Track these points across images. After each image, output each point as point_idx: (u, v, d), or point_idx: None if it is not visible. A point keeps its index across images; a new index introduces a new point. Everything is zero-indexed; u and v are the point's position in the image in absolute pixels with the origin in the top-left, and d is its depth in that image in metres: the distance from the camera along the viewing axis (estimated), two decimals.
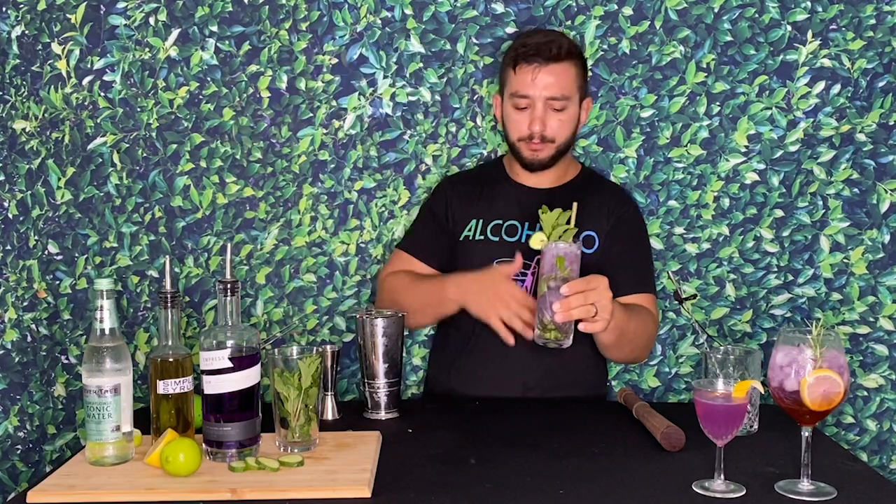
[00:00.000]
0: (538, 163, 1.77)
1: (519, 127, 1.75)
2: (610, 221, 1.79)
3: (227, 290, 1.38)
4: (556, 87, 1.72)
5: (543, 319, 1.52)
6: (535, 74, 1.71)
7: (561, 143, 1.76)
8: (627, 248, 1.79)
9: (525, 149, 1.77)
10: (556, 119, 1.73)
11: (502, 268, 1.66)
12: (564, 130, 1.75)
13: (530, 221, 1.77)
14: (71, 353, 1.84)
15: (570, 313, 1.50)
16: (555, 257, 1.51)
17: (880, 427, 1.87)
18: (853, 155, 1.85)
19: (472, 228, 1.81)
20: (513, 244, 1.76)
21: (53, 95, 1.82)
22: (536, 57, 1.71)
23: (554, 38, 1.74)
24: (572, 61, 1.74)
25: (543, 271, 1.53)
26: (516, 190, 1.83)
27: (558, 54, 1.71)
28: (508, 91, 1.75)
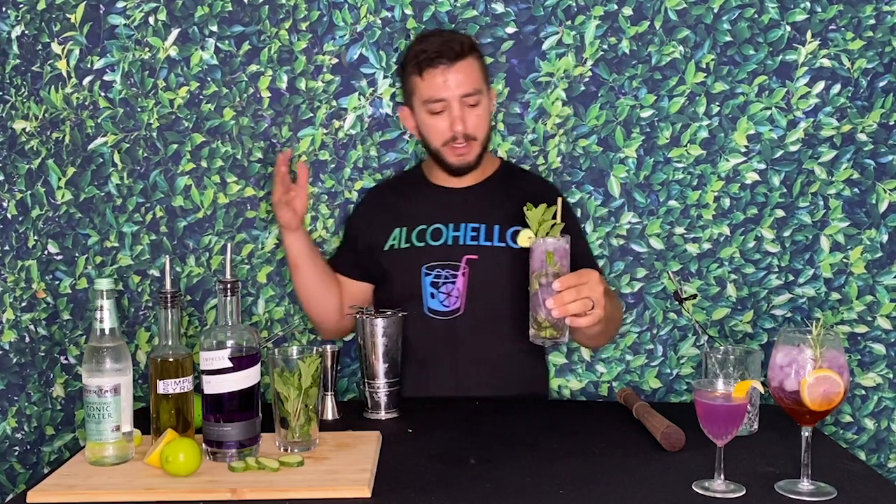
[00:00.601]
0: (467, 165, 1.77)
1: (440, 131, 1.74)
2: None
3: (227, 289, 1.38)
4: (467, 83, 1.72)
5: (538, 317, 1.50)
6: (446, 76, 1.71)
7: (482, 138, 1.76)
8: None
9: (450, 154, 1.76)
10: (474, 115, 1.73)
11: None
12: (483, 125, 1.76)
13: (454, 223, 1.78)
14: (70, 354, 1.84)
15: (566, 308, 1.47)
16: (544, 253, 1.50)
17: (878, 426, 1.87)
18: (854, 155, 1.85)
19: (397, 237, 1.80)
20: (440, 247, 1.76)
21: (54, 95, 1.82)
22: (441, 58, 1.70)
23: (452, 37, 1.74)
24: (474, 56, 1.75)
25: (533, 268, 1.51)
26: (437, 192, 1.82)
27: (462, 51, 1.72)
28: (419, 99, 1.74)
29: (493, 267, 1.74)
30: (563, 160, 1.90)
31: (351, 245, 1.86)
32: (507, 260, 1.74)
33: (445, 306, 1.75)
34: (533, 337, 1.53)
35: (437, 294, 1.75)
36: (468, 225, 1.78)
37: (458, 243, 1.76)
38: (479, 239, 1.76)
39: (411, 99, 1.77)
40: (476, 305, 1.75)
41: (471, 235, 1.77)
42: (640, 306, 1.90)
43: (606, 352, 1.90)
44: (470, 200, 1.81)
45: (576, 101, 1.87)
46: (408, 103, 1.80)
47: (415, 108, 1.77)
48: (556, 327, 1.50)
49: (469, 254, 1.75)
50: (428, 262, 1.76)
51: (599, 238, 1.89)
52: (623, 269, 1.89)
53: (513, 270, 1.72)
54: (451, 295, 1.74)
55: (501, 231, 1.77)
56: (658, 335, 1.90)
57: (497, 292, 1.74)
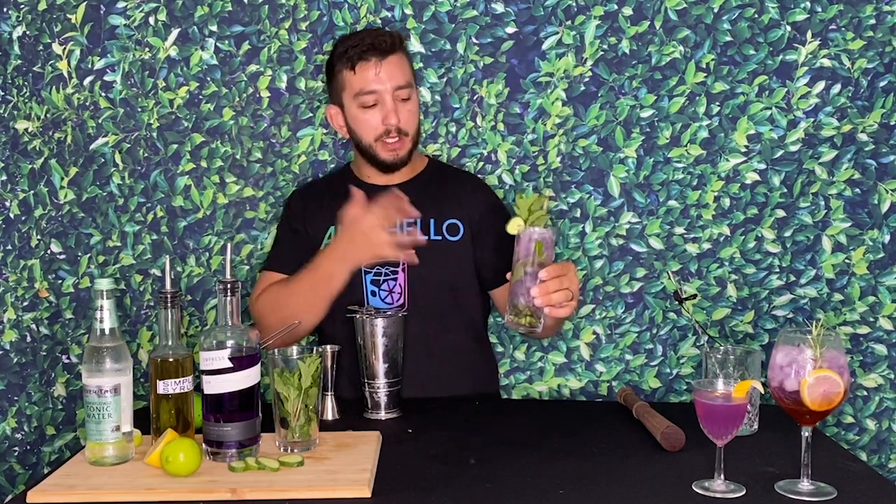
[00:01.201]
0: (399, 161, 1.76)
1: (372, 126, 1.73)
2: (477, 209, 1.79)
3: (227, 290, 1.38)
4: (399, 76, 1.72)
5: (518, 304, 1.50)
6: (378, 69, 1.71)
7: (413, 134, 1.76)
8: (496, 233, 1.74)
9: (382, 149, 1.75)
10: (406, 110, 1.73)
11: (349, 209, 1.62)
12: (414, 120, 1.76)
13: None
14: (72, 353, 1.84)
15: (549, 297, 1.48)
16: (532, 242, 1.49)
17: (879, 426, 1.87)
18: (855, 155, 1.84)
19: (331, 236, 1.77)
20: None
21: (55, 96, 1.82)
22: (374, 52, 1.71)
23: (381, 32, 1.75)
24: (403, 51, 1.76)
25: (519, 256, 1.51)
26: (368, 190, 1.77)
27: (393, 46, 1.72)
28: (350, 93, 1.73)
29: (432, 260, 1.72)
30: (563, 160, 1.90)
31: (295, 241, 1.80)
32: (445, 252, 1.75)
33: (388, 303, 1.74)
34: (510, 323, 1.52)
35: (378, 291, 1.74)
36: (403, 220, 1.75)
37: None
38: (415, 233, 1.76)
39: (340, 96, 1.76)
40: (419, 300, 1.74)
41: (407, 230, 1.75)
42: (640, 306, 1.90)
43: (606, 351, 1.91)
44: None
45: (576, 101, 1.87)
46: (336, 101, 1.78)
47: (345, 105, 1.76)
48: (535, 315, 1.50)
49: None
50: None
51: (599, 238, 1.89)
52: (623, 268, 1.89)
53: (451, 262, 1.75)
54: (394, 291, 1.74)
55: (437, 224, 1.77)
56: (658, 335, 1.90)
57: (438, 285, 1.75)
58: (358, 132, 1.76)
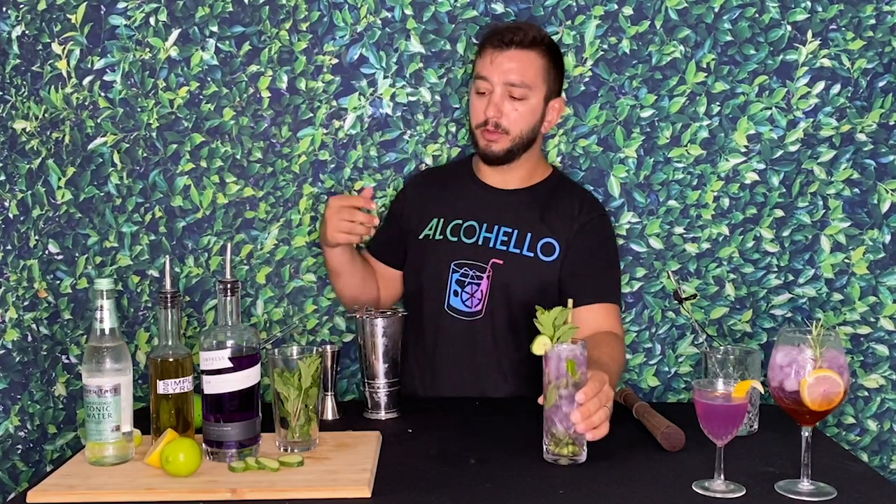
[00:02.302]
0: (492, 155, 1.74)
1: (476, 112, 1.74)
2: (573, 228, 1.75)
3: (227, 290, 1.38)
4: (515, 72, 1.70)
5: (557, 433, 1.36)
6: (495, 57, 1.70)
7: (517, 135, 1.73)
8: (589, 255, 1.74)
9: (481, 138, 1.75)
10: (514, 108, 1.71)
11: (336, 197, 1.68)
12: (522, 123, 1.72)
13: (488, 223, 1.77)
14: (71, 353, 1.84)
15: (591, 421, 1.33)
16: (563, 361, 1.35)
17: (881, 427, 1.87)
18: (853, 155, 1.85)
19: (433, 227, 1.79)
20: (471, 245, 1.75)
21: (54, 95, 1.82)
22: (501, 40, 1.70)
23: (523, 27, 1.73)
24: (539, 51, 1.72)
25: (550, 378, 1.37)
26: (480, 189, 1.80)
27: (522, 40, 1.70)
28: (474, 75, 1.76)
29: (519, 275, 1.72)
30: (563, 160, 1.90)
31: (392, 227, 1.85)
32: (531, 270, 1.74)
33: (467, 306, 1.74)
34: (550, 455, 1.37)
35: (460, 293, 1.74)
36: (502, 228, 1.75)
37: (488, 245, 1.75)
38: (509, 244, 1.75)
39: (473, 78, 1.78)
40: (496, 310, 1.73)
41: (502, 240, 1.75)
42: (639, 305, 1.90)
43: None
44: (509, 203, 1.78)
45: (576, 101, 1.87)
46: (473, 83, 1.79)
47: (470, 86, 1.78)
48: (577, 443, 1.36)
49: (496, 258, 1.73)
50: (457, 258, 1.75)
51: None
52: (622, 268, 1.89)
53: (537, 281, 1.73)
54: (475, 296, 1.73)
55: (532, 240, 1.75)
56: (656, 334, 1.90)
57: (517, 301, 1.72)
58: (470, 114, 1.78)
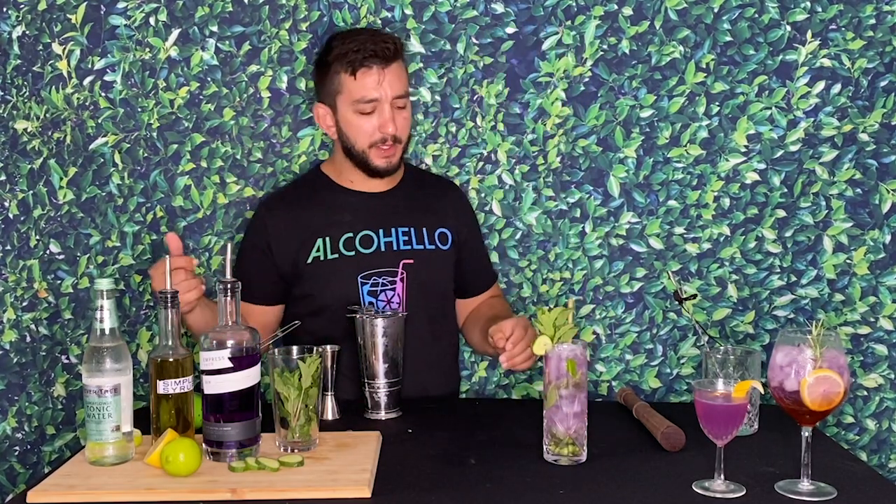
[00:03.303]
0: (392, 168, 1.74)
1: (366, 132, 1.70)
2: (459, 219, 1.82)
3: (228, 290, 1.38)
4: (399, 85, 1.70)
5: (557, 433, 1.37)
6: (381, 77, 1.67)
7: (405, 142, 1.76)
8: (476, 244, 1.86)
9: (376, 156, 1.71)
10: (402, 118, 1.72)
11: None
12: (407, 129, 1.75)
13: (384, 228, 1.75)
14: (72, 353, 1.84)
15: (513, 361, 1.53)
16: (563, 361, 1.36)
17: (879, 426, 1.87)
18: (856, 155, 1.84)
19: (321, 248, 1.72)
20: (373, 254, 1.73)
21: (54, 95, 1.82)
22: (376, 59, 1.67)
23: (383, 37, 1.71)
24: (402, 58, 1.74)
25: (550, 378, 1.37)
26: (357, 198, 1.77)
27: (396, 53, 1.70)
28: (349, 98, 1.68)
29: (429, 269, 1.75)
30: (563, 160, 1.90)
31: (263, 267, 1.74)
32: (439, 261, 1.78)
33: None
34: (549, 456, 1.38)
35: (376, 302, 1.72)
36: (399, 229, 1.75)
37: (392, 249, 1.74)
38: (411, 243, 1.75)
39: (334, 97, 1.71)
40: (416, 309, 1.73)
41: (403, 240, 1.75)
42: (640, 306, 1.90)
43: (606, 351, 1.90)
44: (393, 204, 1.78)
45: (575, 102, 1.87)
46: (327, 101, 1.74)
47: (338, 108, 1.71)
48: (577, 443, 1.37)
49: (405, 258, 1.73)
50: (362, 270, 1.72)
51: (599, 238, 1.89)
52: (622, 268, 1.89)
53: (443, 271, 1.79)
54: (392, 301, 1.72)
55: (429, 233, 1.78)
56: (658, 335, 1.90)
57: (433, 294, 1.78)
58: (351, 137, 1.72)
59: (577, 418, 1.36)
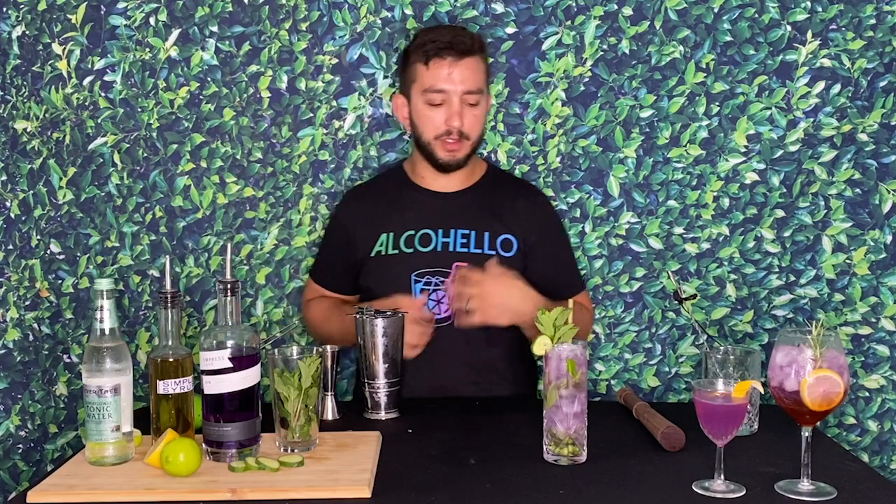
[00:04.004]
0: (455, 162, 1.74)
1: (435, 124, 1.71)
2: (530, 226, 1.78)
3: (227, 290, 1.38)
4: (471, 80, 1.70)
5: (557, 433, 1.36)
6: (452, 69, 1.69)
7: (475, 139, 1.74)
8: (556, 252, 1.81)
9: (440, 148, 1.73)
10: (472, 114, 1.71)
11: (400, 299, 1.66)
12: (478, 126, 1.74)
13: (444, 228, 1.75)
14: (73, 352, 1.85)
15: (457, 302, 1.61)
16: (563, 361, 1.36)
17: (881, 427, 1.87)
18: (855, 155, 1.85)
19: (384, 243, 1.76)
20: (429, 253, 1.74)
21: (54, 95, 1.82)
22: (450, 51, 1.68)
23: (463, 32, 1.73)
24: (481, 55, 1.73)
25: (550, 379, 1.37)
26: (424, 196, 1.79)
27: (472, 48, 1.70)
28: (420, 87, 1.71)
29: None
30: (563, 160, 1.90)
31: (340, 258, 1.81)
32: None
33: (436, 313, 1.73)
34: (549, 456, 1.38)
35: (427, 301, 1.72)
36: (458, 231, 1.75)
37: (448, 250, 1.74)
38: (469, 246, 1.75)
39: (410, 87, 1.75)
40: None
41: (461, 242, 1.75)
42: (639, 305, 1.90)
43: (605, 350, 1.91)
44: (459, 205, 1.78)
45: (575, 102, 1.87)
46: (404, 92, 1.77)
47: (412, 98, 1.74)
48: (577, 443, 1.36)
49: (459, 261, 1.72)
50: (416, 268, 1.73)
51: (598, 238, 1.89)
52: (622, 268, 1.89)
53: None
54: (442, 302, 1.72)
55: (491, 238, 1.76)
56: (657, 334, 1.90)
57: None
58: (420, 127, 1.74)
59: (577, 418, 1.36)
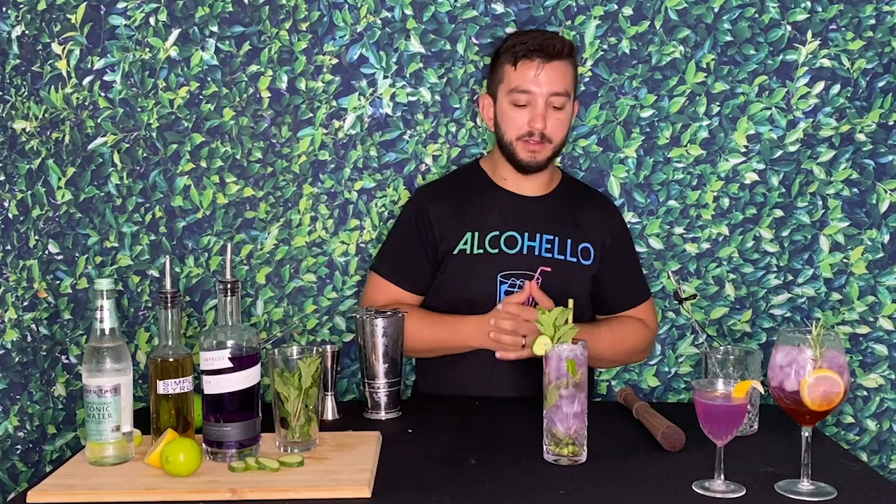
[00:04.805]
0: (535, 164, 1.74)
1: (518, 124, 1.72)
2: (605, 234, 1.80)
3: (227, 290, 1.38)
4: (558, 82, 1.70)
5: (557, 433, 1.36)
6: (539, 70, 1.69)
7: (557, 143, 1.74)
8: (625, 262, 1.82)
9: (522, 149, 1.73)
10: (555, 118, 1.72)
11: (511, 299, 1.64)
12: (561, 130, 1.74)
13: (529, 232, 1.76)
14: (71, 353, 1.84)
15: (500, 338, 1.61)
16: (563, 361, 1.36)
17: (880, 427, 1.87)
18: (853, 155, 1.85)
19: (469, 242, 1.76)
20: (515, 255, 1.74)
21: (54, 95, 1.82)
22: (539, 53, 1.69)
23: (554, 37, 1.73)
24: (571, 60, 1.73)
25: (550, 379, 1.37)
26: (507, 198, 1.79)
27: (560, 51, 1.70)
28: (507, 88, 1.73)
29: (564, 281, 1.73)
30: (563, 160, 1.90)
31: (423, 253, 1.77)
32: (576, 275, 1.75)
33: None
34: (549, 456, 1.38)
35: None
36: (543, 236, 1.76)
37: (534, 254, 1.75)
38: (553, 251, 1.75)
39: (497, 87, 1.75)
40: None
41: (545, 247, 1.75)
42: None
43: None
44: (542, 210, 1.79)
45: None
46: (491, 92, 1.78)
47: (498, 98, 1.75)
48: (577, 443, 1.37)
49: (544, 265, 1.73)
50: (502, 269, 1.73)
51: None
52: None
53: (579, 286, 1.75)
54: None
55: (573, 246, 1.77)
56: (657, 334, 1.90)
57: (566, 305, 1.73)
58: (503, 127, 1.75)
59: (577, 418, 1.37)
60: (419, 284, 1.79)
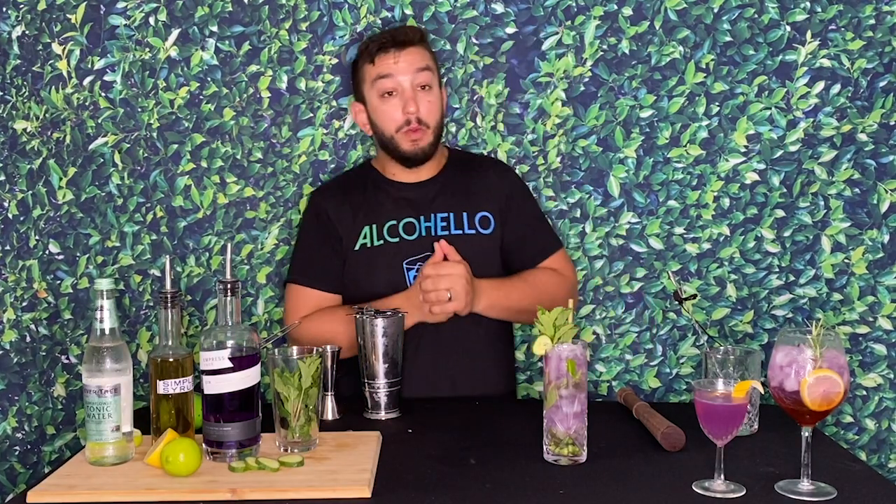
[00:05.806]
0: (421, 153, 1.74)
1: (392, 116, 1.73)
2: (500, 196, 1.80)
3: (227, 290, 1.38)
4: (418, 61, 1.72)
5: (557, 433, 1.36)
6: (397, 58, 1.71)
7: (434, 126, 1.75)
8: (526, 217, 1.81)
9: (403, 140, 1.73)
10: (426, 100, 1.72)
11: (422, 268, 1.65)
12: (435, 112, 1.75)
13: (424, 214, 1.77)
14: (72, 353, 1.84)
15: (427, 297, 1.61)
16: (563, 361, 1.36)
17: (879, 426, 1.87)
18: (854, 155, 1.85)
19: (368, 235, 1.76)
20: (415, 240, 1.75)
21: (54, 95, 1.82)
22: (392, 44, 1.72)
23: (403, 27, 1.77)
24: (424, 45, 1.76)
25: (550, 379, 1.37)
26: (398, 187, 1.80)
27: (413, 38, 1.73)
28: (370, 81, 1.74)
29: (468, 254, 1.72)
30: (563, 160, 1.90)
31: (330, 251, 1.78)
32: (479, 246, 1.76)
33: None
34: (549, 456, 1.38)
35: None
36: (438, 215, 1.77)
37: (432, 234, 1.75)
38: (449, 228, 1.76)
39: (362, 89, 1.76)
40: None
41: (441, 225, 1.76)
42: (640, 306, 1.90)
43: (606, 351, 1.91)
44: (433, 191, 1.80)
45: (575, 102, 1.87)
46: (359, 98, 1.79)
47: (367, 98, 1.76)
48: (577, 443, 1.36)
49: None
50: (406, 256, 1.74)
51: (599, 238, 1.89)
52: (623, 268, 1.89)
53: (485, 256, 1.76)
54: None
55: (469, 217, 1.78)
56: (657, 335, 1.90)
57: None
58: (379, 124, 1.75)
59: (577, 418, 1.37)
60: (337, 284, 1.78)
